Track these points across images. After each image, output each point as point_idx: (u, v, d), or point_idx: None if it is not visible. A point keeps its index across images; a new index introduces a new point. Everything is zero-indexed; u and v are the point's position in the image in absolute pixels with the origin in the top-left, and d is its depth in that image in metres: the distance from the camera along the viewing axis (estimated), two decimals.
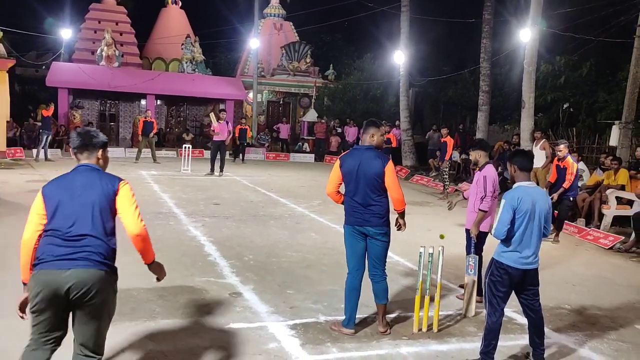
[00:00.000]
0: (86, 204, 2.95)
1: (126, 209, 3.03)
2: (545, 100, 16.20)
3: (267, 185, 13.61)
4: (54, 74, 21.78)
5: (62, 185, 3.02)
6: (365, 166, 4.42)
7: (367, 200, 4.44)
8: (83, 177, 3.04)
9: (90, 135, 3.14)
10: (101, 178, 3.05)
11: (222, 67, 30.64)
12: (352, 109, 24.57)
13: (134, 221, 3.03)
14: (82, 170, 3.08)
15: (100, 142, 3.16)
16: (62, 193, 2.97)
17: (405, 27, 19.54)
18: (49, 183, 3.05)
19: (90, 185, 3.00)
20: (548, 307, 5.38)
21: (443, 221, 10.16)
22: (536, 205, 3.97)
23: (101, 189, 3.00)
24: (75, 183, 3.01)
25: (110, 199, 3.01)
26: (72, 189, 2.98)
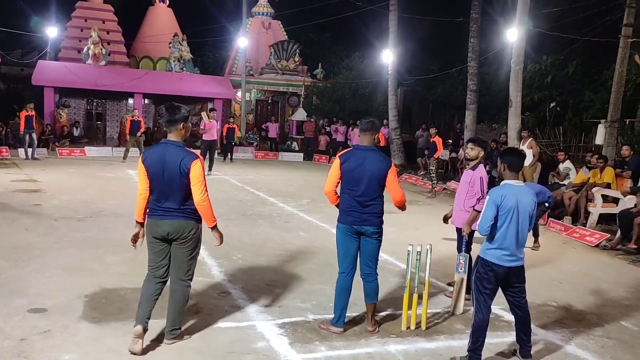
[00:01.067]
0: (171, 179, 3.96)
1: (193, 185, 3.97)
2: (533, 99, 16.32)
3: (256, 185, 13.58)
4: (40, 73, 21.55)
5: (155, 159, 4.03)
6: (369, 166, 4.44)
7: (367, 200, 4.47)
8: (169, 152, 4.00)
9: (172, 112, 4.06)
10: (180, 156, 3.97)
11: (210, 65, 30.51)
12: (340, 107, 24.58)
13: (197, 193, 4.00)
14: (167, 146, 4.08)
15: (181, 118, 4.06)
16: (155, 167, 4.00)
17: (393, 26, 19.58)
18: (145, 153, 4.14)
19: (172, 162, 3.94)
20: (535, 304, 5.43)
21: (431, 220, 10.20)
22: (520, 203, 4.00)
23: (179, 168, 3.93)
24: (164, 157, 3.99)
25: (184, 176, 3.95)
26: (163, 165, 3.98)
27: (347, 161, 4.52)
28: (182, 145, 4.03)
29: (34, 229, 7.64)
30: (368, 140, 4.59)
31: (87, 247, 6.81)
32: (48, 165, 15.46)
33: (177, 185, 3.95)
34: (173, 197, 3.98)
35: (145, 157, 4.04)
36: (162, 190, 3.99)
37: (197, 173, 3.94)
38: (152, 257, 4.13)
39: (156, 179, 3.98)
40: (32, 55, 24.99)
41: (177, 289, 4.13)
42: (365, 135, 4.61)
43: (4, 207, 9.00)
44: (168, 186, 3.96)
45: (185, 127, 4.06)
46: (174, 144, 4.02)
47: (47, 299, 4.94)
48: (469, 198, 5.50)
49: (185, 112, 4.06)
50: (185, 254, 4.10)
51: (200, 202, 3.99)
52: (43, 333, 4.24)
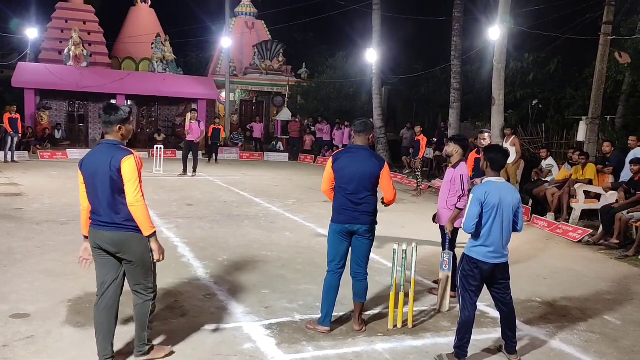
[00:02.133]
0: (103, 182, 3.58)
1: (126, 183, 3.57)
2: (515, 97, 16.47)
3: (241, 185, 13.52)
4: (20, 75, 21.24)
5: (88, 162, 3.66)
6: (362, 166, 4.49)
7: (360, 199, 4.50)
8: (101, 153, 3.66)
9: (108, 113, 3.69)
10: (111, 154, 3.59)
11: (193, 66, 30.30)
12: (325, 107, 24.58)
13: (130, 192, 3.57)
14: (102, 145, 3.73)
15: (117, 119, 3.68)
16: (88, 170, 3.62)
17: (377, 26, 19.63)
18: (83, 157, 3.71)
19: (103, 162, 3.57)
20: (519, 300, 5.47)
21: (416, 218, 10.24)
22: (504, 200, 4.03)
23: (109, 166, 3.54)
24: (96, 158, 3.64)
25: (115, 174, 3.55)
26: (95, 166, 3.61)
27: (339, 160, 4.58)
28: (118, 144, 3.65)
29: (16, 233, 7.53)
30: (362, 141, 4.64)
31: (69, 250, 6.71)
32: (29, 168, 15.26)
33: (108, 188, 3.53)
34: (108, 204, 3.56)
35: (81, 161, 3.67)
36: (97, 196, 3.59)
37: (129, 169, 3.53)
38: (99, 273, 3.76)
39: (90, 184, 3.60)
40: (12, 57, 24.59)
41: (138, 303, 3.81)
42: (359, 136, 4.64)
43: None
44: (101, 191, 3.56)
45: (125, 128, 3.70)
46: (108, 143, 3.66)
47: (30, 304, 4.87)
48: (452, 196, 5.53)
49: (123, 113, 3.70)
50: (137, 271, 3.72)
51: (133, 203, 3.53)
52: (26, 339, 4.17)
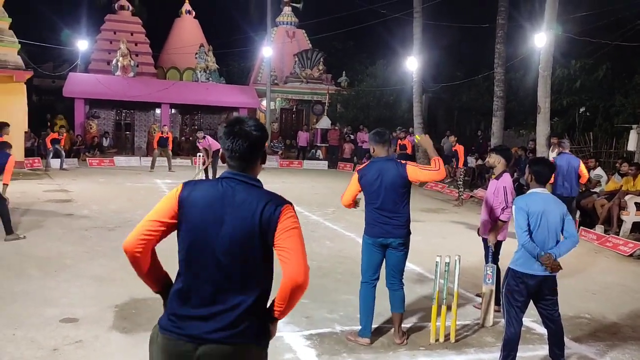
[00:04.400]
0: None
1: (285, 248, 2.30)
2: (561, 104, 16.05)
3: (281, 193, 13.50)
4: (71, 85, 22.07)
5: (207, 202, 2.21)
6: (386, 178, 4.43)
7: (391, 212, 4.43)
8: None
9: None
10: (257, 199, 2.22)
11: (235, 75, 30.81)
12: (365, 115, 24.56)
13: (294, 265, 2.23)
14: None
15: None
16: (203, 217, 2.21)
17: (418, 33, 19.50)
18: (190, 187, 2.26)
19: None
20: (567, 317, 5.30)
21: (458, 228, 10.08)
22: (547, 209, 3.93)
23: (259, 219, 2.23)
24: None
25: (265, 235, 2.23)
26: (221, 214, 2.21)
27: (365, 176, 4.52)
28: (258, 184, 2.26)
29: (66, 238, 7.80)
30: (383, 152, 4.55)
31: (116, 256, 6.89)
32: (78, 175, 15.79)
33: (246, 258, 2.13)
34: (230, 286, 2.12)
35: (188, 192, 2.19)
36: (209, 270, 2.13)
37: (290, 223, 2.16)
38: None
39: (200, 242, 2.14)
40: (63, 67, 25.60)
41: None
42: (380, 147, 4.54)
43: (38, 217, 9.21)
44: (225, 263, 2.12)
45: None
46: (245, 180, 2.21)
47: (79, 309, 5.03)
48: (495, 208, 5.43)
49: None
50: None
51: (301, 282, 2.11)
52: (75, 343, 4.30)
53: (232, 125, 2.22)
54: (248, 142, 2.19)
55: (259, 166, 2.29)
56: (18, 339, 4.32)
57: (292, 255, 2.11)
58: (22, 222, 8.69)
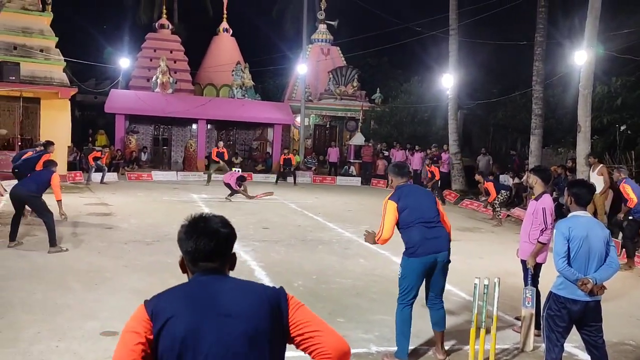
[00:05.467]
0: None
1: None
2: (601, 122, 15.65)
3: (315, 209, 13.65)
4: (112, 101, 22.72)
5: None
6: (420, 191, 4.88)
7: (434, 221, 4.59)
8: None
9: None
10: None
11: (270, 92, 31.23)
12: (399, 132, 24.49)
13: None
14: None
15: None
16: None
17: (453, 51, 19.43)
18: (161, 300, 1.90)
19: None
20: (611, 343, 5.12)
21: (495, 249, 9.91)
22: (591, 234, 3.83)
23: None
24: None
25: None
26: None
27: (402, 198, 4.60)
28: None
29: (106, 252, 7.99)
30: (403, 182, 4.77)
31: (154, 270, 7.04)
32: (118, 189, 16.18)
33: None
34: None
35: (159, 309, 1.81)
36: None
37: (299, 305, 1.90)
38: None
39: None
40: (105, 84, 26.43)
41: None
42: (398, 179, 4.75)
43: (79, 230, 9.47)
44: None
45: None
46: (223, 278, 1.90)
47: (118, 322, 5.12)
48: (534, 229, 5.33)
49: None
50: None
51: (348, 349, 1.91)
52: None
53: (195, 223, 1.88)
54: (215, 241, 1.85)
55: (227, 270, 1.92)
56: (61, 350, 4.43)
57: (322, 329, 1.85)
58: (64, 235, 8.95)
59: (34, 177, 8.34)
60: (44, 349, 4.45)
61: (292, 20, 31.62)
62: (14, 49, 17.07)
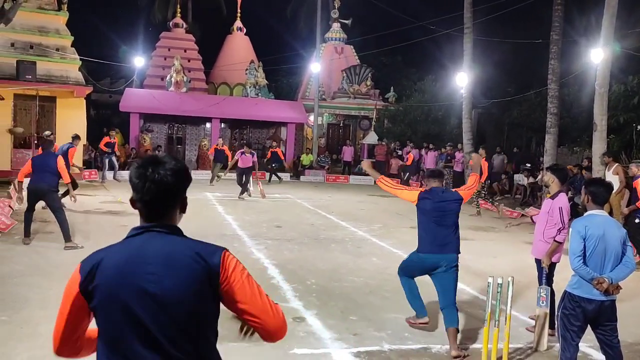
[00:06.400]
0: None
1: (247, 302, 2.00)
2: (618, 121, 15.47)
3: (327, 208, 13.66)
4: (127, 100, 22.92)
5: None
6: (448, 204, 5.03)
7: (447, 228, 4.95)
8: None
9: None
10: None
11: (284, 91, 31.28)
12: (412, 131, 24.41)
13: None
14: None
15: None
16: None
17: (468, 49, 19.29)
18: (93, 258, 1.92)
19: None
20: (626, 343, 5.06)
21: (509, 248, 9.84)
22: (607, 233, 3.79)
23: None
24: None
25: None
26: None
27: (425, 198, 4.99)
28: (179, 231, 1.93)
29: None
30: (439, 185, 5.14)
31: None
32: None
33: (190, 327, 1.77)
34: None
35: (93, 266, 1.83)
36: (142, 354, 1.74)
37: (240, 269, 1.85)
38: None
39: (122, 320, 1.74)
40: (120, 83, 26.67)
41: None
42: (435, 182, 5.11)
43: (94, 228, 9.57)
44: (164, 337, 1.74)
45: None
46: (160, 230, 1.87)
47: None
48: (549, 228, 5.28)
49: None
50: None
51: (282, 338, 1.98)
52: None
53: (145, 166, 1.83)
54: (161, 188, 1.82)
55: (177, 214, 1.92)
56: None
57: (260, 311, 1.83)
58: (79, 232, 9.06)
59: (44, 168, 8.06)
60: None
61: (305, 19, 31.64)
62: (31, 48, 17.29)
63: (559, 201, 5.26)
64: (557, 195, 5.34)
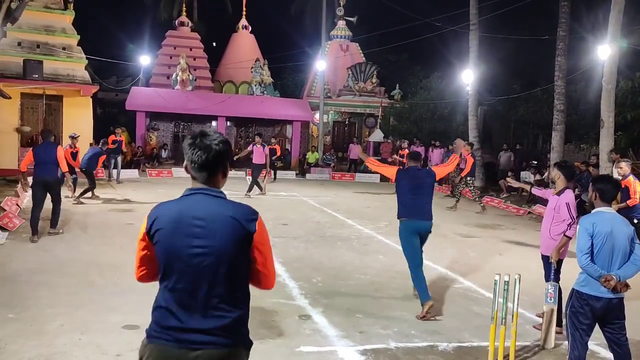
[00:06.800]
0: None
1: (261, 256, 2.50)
2: (625, 118, 15.38)
3: (334, 206, 13.65)
4: (133, 98, 23.00)
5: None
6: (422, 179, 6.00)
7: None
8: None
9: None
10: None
11: (289, 88, 31.29)
12: (418, 128, 24.36)
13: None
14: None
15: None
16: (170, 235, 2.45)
17: (474, 46, 19.24)
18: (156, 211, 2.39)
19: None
20: (635, 341, 5.03)
21: (515, 245, 9.80)
22: (615, 230, 3.78)
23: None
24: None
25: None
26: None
27: (402, 175, 5.97)
28: (222, 195, 2.30)
29: (127, 247, 8.08)
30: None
31: None
32: (139, 185, 16.37)
33: (223, 269, 2.18)
34: (214, 297, 2.19)
35: (154, 217, 2.26)
36: (188, 279, 2.19)
37: (266, 236, 2.29)
38: None
39: (174, 260, 2.20)
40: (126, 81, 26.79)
41: None
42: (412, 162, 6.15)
43: (101, 226, 9.61)
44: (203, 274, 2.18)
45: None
46: (207, 193, 2.27)
47: (140, 316, 5.19)
48: (555, 224, 5.27)
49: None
50: None
51: (271, 289, 2.37)
52: (136, 349, 4.42)
53: (195, 137, 2.28)
54: (208, 155, 2.24)
55: (221, 179, 2.33)
56: (84, 343, 4.51)
57: (268, 268, 2.29)
58: (86, 230, 9.10)
59: (46, 159, 8.33)
60: (67, 341, 4.53)
61: (311, 16, 31.65)
62: (37, 47, 17.38)
63: (565, 197, 5.25)
64: (563, 191, 5.32)
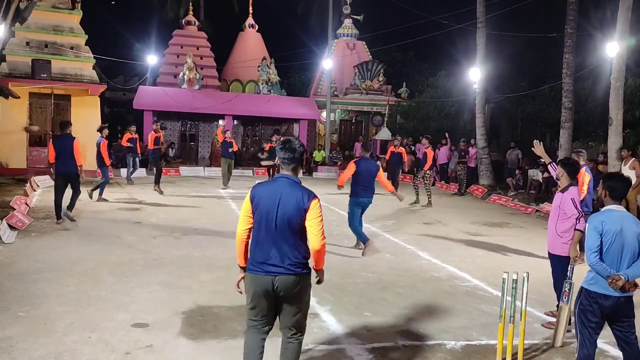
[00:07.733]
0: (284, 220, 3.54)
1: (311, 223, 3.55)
2: (634, 116, 15.28)
3: (340, 204, 13.61)
4: (140, 97, 23.07)
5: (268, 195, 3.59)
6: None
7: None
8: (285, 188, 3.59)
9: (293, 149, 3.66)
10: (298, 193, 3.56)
11: (296, 87, 31.28)
12: (425, 127, 24.29)
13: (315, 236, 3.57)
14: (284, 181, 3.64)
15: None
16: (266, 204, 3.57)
17: (481, 44, 19.15)
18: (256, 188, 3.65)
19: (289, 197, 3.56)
20: None
21: (523, 243, 9.77)
22: (625, 229, 3.75)
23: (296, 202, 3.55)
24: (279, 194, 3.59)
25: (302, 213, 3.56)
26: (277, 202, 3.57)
27: (359, 164, 8.60)
28: (298, 182, 3.61)
29: (136, 245, 8.14)
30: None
31: (183, 264, 7.15)
32: (147, 184, 16.41)
33: (291, 227, 3.50)
34: (286, 242, 3.51)
35: (254, 193, 3.58)
36: (272, 234, 3.51)
37: (317, 212, 3.52)
38: (251, 313, 3.61)
39: (265, 219, 3.52)
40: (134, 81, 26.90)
41: (290, 346, 3.68)
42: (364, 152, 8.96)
43: (110, 225, 9.67)
44: (280, 229, 3.50)
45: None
46: (290, 179, 3.59)
47: (149, 314, 5.23)
48: (561, 222, 5.25)
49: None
50: (295, 310, 3.62)
51: (319, 249, 3.55)
52: (145, 347, 4.48)
53: (285, 143, 3.65)
54: (294, 154, 3.60)
55: (299, 170, 3.70)
56: (93, 341, 4.55)
57: (316, 231, 3.53)
58: (95, 229, 9.16)
59: (65, 151, 9.20)
60: (77, 339, 4.57)
61: (317, 15, 31.62)
62: (45, 47, 17.47)
63: (570, 193, 5.23)
64: (567, 188, 5.31)
